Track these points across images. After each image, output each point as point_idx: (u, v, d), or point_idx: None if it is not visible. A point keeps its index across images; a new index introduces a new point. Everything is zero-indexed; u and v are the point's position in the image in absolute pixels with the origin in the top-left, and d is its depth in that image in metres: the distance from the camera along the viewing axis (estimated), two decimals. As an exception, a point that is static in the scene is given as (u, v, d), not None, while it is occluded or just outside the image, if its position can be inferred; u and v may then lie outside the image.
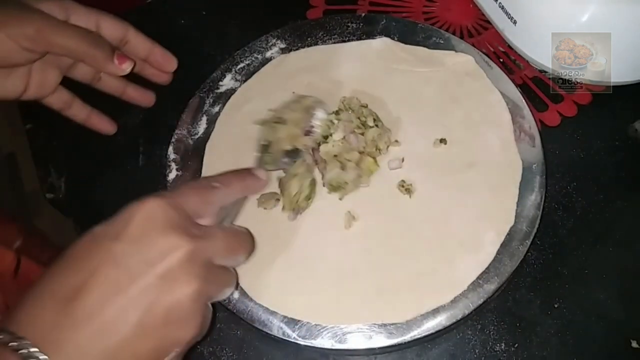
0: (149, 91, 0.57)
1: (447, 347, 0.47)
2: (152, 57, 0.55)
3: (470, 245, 0.47)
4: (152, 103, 0.58)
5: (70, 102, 0.55)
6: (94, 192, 0.57)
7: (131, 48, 0.53)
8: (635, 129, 0.56)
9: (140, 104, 0.57)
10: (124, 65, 0.50)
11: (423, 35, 0.58)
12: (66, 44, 0.47)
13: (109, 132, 0.57)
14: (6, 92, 0.50)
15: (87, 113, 0.56)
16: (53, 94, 0.53)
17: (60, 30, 0.47)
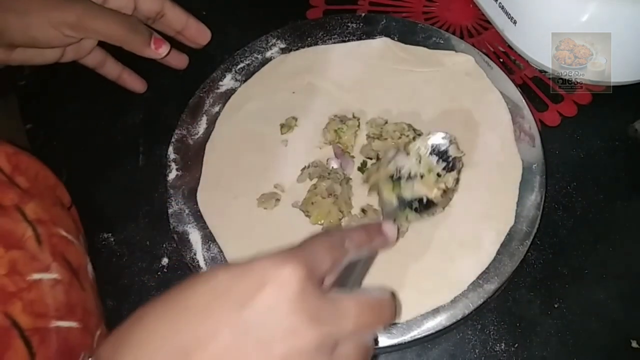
0: (183, 54, 0.59)
1: (447, 347, 0.47)
2: (186, 30, 0.56)
3: (470, 245, 0.47)
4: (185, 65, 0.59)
5: (104, 61, 0.57)
6: (94, 192, 0.56)
7: (167, 21, 0.55)
8: (635, 129, 0.56)
9: (174, 66, 0.59)
10: (160, 50, 0.52)
11: (423, 35, 0.58)
12: (106, 31, 0.49)
13: (140, 90, 0.59)
14: (45, 59, 0.53)
15: (119, 71, 0.58)
16: (89, 55, 0.55)
17: (100, 17, 0.49)
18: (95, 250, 0.53)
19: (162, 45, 0.53)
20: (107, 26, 0.49)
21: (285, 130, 0.54)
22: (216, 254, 0.49)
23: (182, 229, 0.50)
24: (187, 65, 0.60)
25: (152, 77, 0.61)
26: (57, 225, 0.43)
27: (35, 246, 0.40)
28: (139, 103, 0.60)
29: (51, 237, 0.41)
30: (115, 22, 0.49)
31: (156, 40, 0.52)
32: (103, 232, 0.54)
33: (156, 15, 0.54)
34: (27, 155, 0.45)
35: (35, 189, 0.43)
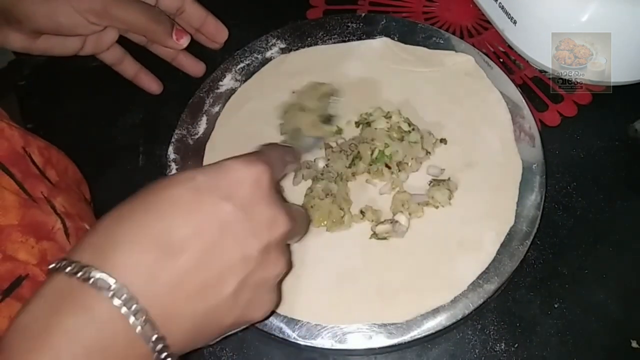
0: (200, 62, 0.59)
1: (447, 347, 0.47)
2: (205, 27, 0.58)
3: (470, 245, 0.47)
4: (202, 73, 0.60)
5: (122, 59, 0.57)
6: (94, 192, 0.56)
7: (186, 17, 0.56)
8: (635, 129, 0.56)
9: (190, 73, 0.59)
10: (181, 41, 0.53)
11: (423, 35, 0.58)
12: (130, 19, 0.50)
13: (155, 91, 0.59)
14: (65, 49, 0.54)
15: (136, 70, 0.58)
16: (108, 51, 0.56)
17: (124, 6, 0.50)
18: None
19: (183, 36, 0.53)
20: (130, 14, 0.50)
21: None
22: (216, 254, 0.49)
23: (182, 229, 0.50)
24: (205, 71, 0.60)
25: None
26: (83, 220, 0.43)
27: (63, 238, 0.40)
28: (139, 103, 0.60)
29: (77, 231, 0.42)
30: (139, 11, 0.50)
31: (177, 32, 0.53)
32: (103, 232, 0.54)
33: (176, 11, 0.55)
34: (56, 149, 0.46)
35: (64, 183, 0.44)
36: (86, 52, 0.55)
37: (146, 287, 0.28)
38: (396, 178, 0.50)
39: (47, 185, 0.41)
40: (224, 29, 0.58)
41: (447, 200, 0.49)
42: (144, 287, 0.28)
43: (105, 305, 0.26)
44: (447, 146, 0.52)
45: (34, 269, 0.37)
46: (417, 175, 0.51)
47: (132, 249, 0.28)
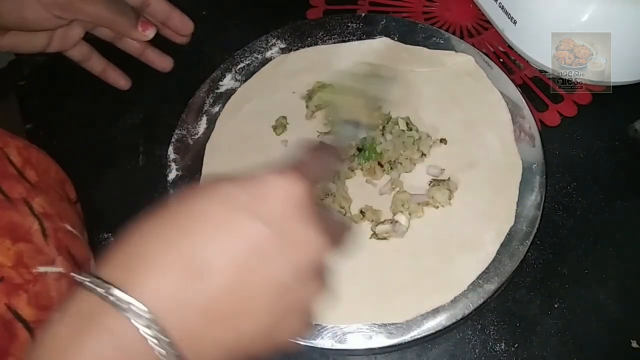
0: (167, 56, 0.59)
1: (447, 347, 0.47)
2: (170, 21, 0.57)
3: (470, 245, 0.47)
4: (169, 68, 0.59)
5: (89, 55, 0.57)
6: (94, 192, 0.56)
7: (152, 11, 0.56)
8: (635, 129, 0.56)
9: (158, 68, 0.59)
10: (147, 32, 0.53)
11: (423, 35, 0.58)
12: (94, 12, 0.50)
13: (123, 87, 0.59)
14: (32, 46, 0.53)
15: (104, 66, 0.58)
16: (74, 48, 0.55)
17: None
18: (95, 250, 0.53)
19: (149, 27, 0.53)
20: (95, 7, 0.50)
21: (279, 130, 0.54)
22: (216, 254, 0.49)
23: (182, 229, 0.50)
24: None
25: (152, 77, 0.61)
26: (63, 220, 0.42)
27: (41, 239, 0.40)
28: (139, 103, 0.60)
29: (57, 232, 0.41)
30: (104, 4, 0.50)
31: (143, 23, 0.53)
32: (103, 232, 0.54)
33: (142, 5, 0.55)
34: (37, 149, 0.45)
35: (44, 183, 0.43)
36: (53, 48, 0.54)
37: (174, 311, 0.26)
38: (396, 178, 0.50)
39: (25, 185, 0.41)
40: (190, 22, 0.58)
41: (447, 200, 0.49)
42: (172, 311, 0.26)
43: (130, 329, 0.25)
44: (447, 146, 0.52)
45: (9, 271, 0.37)
46: (417, 175, 0.51)
47: (162, 270, 0.27)
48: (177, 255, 0.27)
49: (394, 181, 0.50)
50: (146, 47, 0.57)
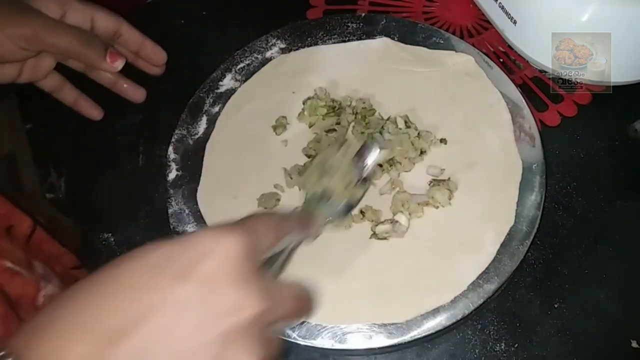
0: (140, 87, 0.58)
1: (447, 347, 0.47)
2: (142, 51, 0.57)
3: (470, 245, 0.47)
4: (142, 99, 0.59)
5: (61, 86, 0.57)
6: (94, 192, 0.56)
7: (123, 41, 0.56)
8: (635, 129, 0.56)
9: (131, 99, 0.58)
10: (115, 63, 0.52)
11: (423, 35, 0.58)
12: (61, 44, 0.50)
13: (95, 117, 0.58)
14: (2, 78, 0.52)
15: (76, 97, 0.58)
16: (46, 78, 0.55)
17: (56, 31, 0.49)
18: (95, 250, 0.53)
19: (117, 58, 0.53)
20: (62, 39, 0.49)
21: (280, 130, 0.54)
22: (216, 254, 0.49)
23: (182, 229, 0.50)
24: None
25: (152, 77, 0.61)
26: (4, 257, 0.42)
27: None
28: (139, 103, 0.60)
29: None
30: (71, 36, 0.50)
31: (111, 54, 0.52)
32: (103, 232, 0.54)
33: (113, 35, 0.55)
34: None
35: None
36: (23, 79, 0.54)
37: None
38: (396, 178, 0.50)
39: None
40: (162, 52, 0.58)
41: (447, 200, 0.49)
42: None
43: None
44: (447, 146, 0.52)
45: None
46: (417, 175, 0.51)
47: (66, 336, 0.25)
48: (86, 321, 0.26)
49: (394, 181, 0.50)
50: (119, 78, 0.57)
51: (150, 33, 0.62)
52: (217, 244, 0.27)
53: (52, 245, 0.57)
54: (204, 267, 0.27)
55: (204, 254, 0.27)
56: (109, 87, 0.58)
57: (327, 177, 0.45)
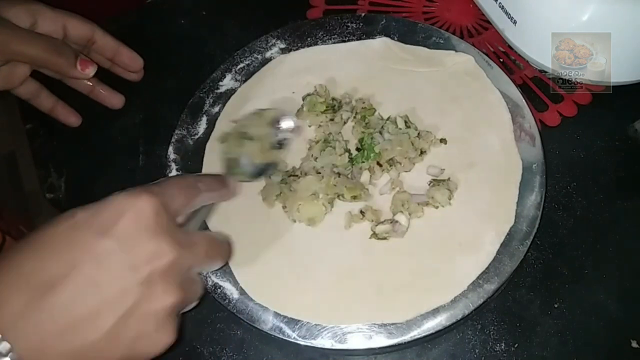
0: (118, 93, 0.59)
1: (447, 347, 0.47)
2: (118, 57, 0.57)
3: (470, 245, 0.47)
4: (120, 105, 0.59)
5: (38, 93, 0.57)
6: (94, 192, 0.56)
7: (98, 48, 0.56)
8: (635, 129, 0.56)
9: (109, 105, 0.59)
10: (87, 71, 0.53)
11: (423, 35, 0.58)
12: (31, 53, 0.50)
13: (73, 124, 0.59)
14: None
15: (53, 103, 0.58)
16: (21, 85, 0.55)
17: (25, 40, 0.50)
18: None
19: (88, 65, 0.53)
20: (31, 48, 0.50)
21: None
22: (216, 254, 0.49)
23: (182, 229, 0.50)
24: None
25: (152, 77, 0.61)
26: None
27: None
28: (139, 103, 0.60)
29: None
30: (40, 44, 0.50)
31: (82, 61, 0.53)
32: (103, 232, 0.54)
33: (87, 42, 0.55)
34: None
35: None
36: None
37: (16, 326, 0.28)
38: (395, 178, 0.50)
39: None
40: (138, 57, 0.58)
41: (447, 200, 0.49)
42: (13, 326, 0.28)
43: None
44: (447, 146, 0.52)
45: None
46: (417, 175, 0.51)
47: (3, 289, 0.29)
48: (19, 276, 0.29)
49: (394, 181, 0.50)
50: (96, 84, 0.57)
51: (150, 33, 0.62)
52: (132, 204, 0.32)
53: None
54: (122, 223, 0.31)
55: (121, 212, 0.32)
56: (87, 94, 0.58)
57: (246, 141, 0.49)
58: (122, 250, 0.31)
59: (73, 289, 0.30)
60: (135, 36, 0.62)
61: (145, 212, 0.32)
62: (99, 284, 0.30)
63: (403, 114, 0.53)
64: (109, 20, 0.62)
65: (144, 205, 0.32)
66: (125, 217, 0.31)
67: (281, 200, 0.50)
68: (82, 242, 0.31)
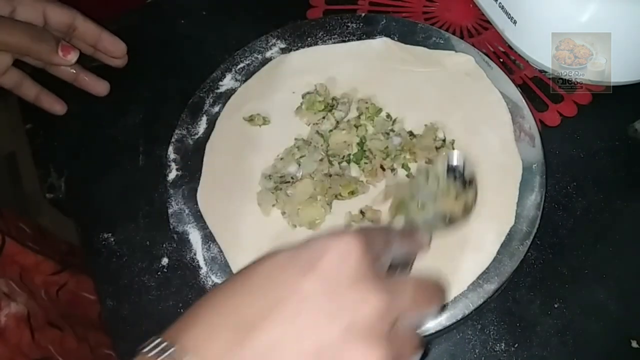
0: (103, 80, 0.59)
1: (447, 347, 0.47)
2: (100, 43, 0.57)
3: (470, 245, 0.47)
4: (106, 92, 0.59)
5: (21, 82, 0.56)
6: (94, 192, 0.57)
7: (80, 34, 0.56)
8: (635, 129, 0.56)
9: (93, 92, 0.59)
10: (69, 56, 0.53)
11: (423, 35, 0.58)
12: (11, 41, 0.50)
13: (59, 112, 0.59)
14: None
15: (37, 92, 0.57)
16: (4, 75, 0.55)
17: (4, 28, 0.49)
18: (95, 250, 0.53)
19: (70, 51, 0.53)
20: (11, 36, 0.50)
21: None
22: (216, 254, 0.49)
23: (182, 229, 0.50)
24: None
25: (152, 77, 0.62)
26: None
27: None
28: (139, 103, 0.60)
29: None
30: (20, 31, 0.50)
31: (64, 47, 0.52)
32: (103, 232, 0.54)
33: (68, 29, 0.55)
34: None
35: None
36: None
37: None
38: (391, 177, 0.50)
39: None
40: (121, 43, 0.58)
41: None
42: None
43: None
44: (447, 146, 0.52)
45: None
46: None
47: (209, 328, 0.28)
48: (223, 314, 0.29)
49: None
50: (80, 72, 0.57)
51: (150, 33, 0.62)
52: (336, 242, 0.29)
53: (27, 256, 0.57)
54: (325, 261, 0.29)
55: (324, 251, 0.29)
56: (71, 82, 0.58)
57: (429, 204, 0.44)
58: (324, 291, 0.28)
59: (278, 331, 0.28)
60: (135, 36, 0.62)
61: (348, 252, 0.29)
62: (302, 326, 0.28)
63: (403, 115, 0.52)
64: (109, 20, 0.62)
65: (347, 245, 0.29)
66: (328, 256, 0.29)
67: (279, 207, 0.50)
68: (283, 282, 0.29)
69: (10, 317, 0.51)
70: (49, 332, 0.55)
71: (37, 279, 0.58)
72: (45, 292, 0.58)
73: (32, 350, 0.52)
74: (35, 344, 0.53)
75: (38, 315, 0.54)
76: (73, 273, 0.62)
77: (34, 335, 0.52)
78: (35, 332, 0.53)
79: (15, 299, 0.52)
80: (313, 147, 0.51)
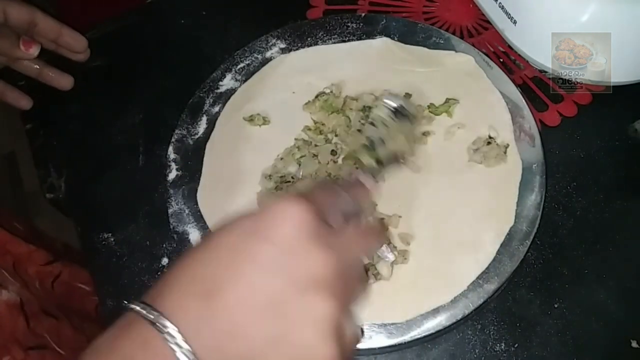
0: (66, 74, 0.59)
1: (447, 347, 0.47)
2: (61, 39, 0.57)
3: (470, 245, 0.47)
4: (70, 86, 0.59)
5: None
6: (94, 192, 0.56)
7: (40, 31, 0.56)
8: (635, 129, 0.56)
9: (58, 87, 0.59)
10: (30, 50, 0.53)
11: (423, 35, 0.58)
12: None
13: (24, 106, 0.59)
14: None
15: (1, 89, 0.58)
16: None
17: None
18: (95, 250, 0.53)
19: (32, 45, 0.53)
20: None
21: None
22: (216, 254, 0.49)
23: (182, 229, 0.50)
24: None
25: (152, 77, 0.61)
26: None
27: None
28: (139, 103, 0.60)
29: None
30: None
31: (24, 42, 0.53)
32: (103, 232, 0.54)
33: (28, 26, 0.55)
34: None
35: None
36: None
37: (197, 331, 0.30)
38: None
39: None
40: (82, 37, 0.58)
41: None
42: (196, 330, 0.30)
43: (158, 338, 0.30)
44: (447, 146, 0.52)
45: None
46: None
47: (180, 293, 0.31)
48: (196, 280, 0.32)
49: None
50: (43, 67, 0.58)
51: (150, 33, 0.62)
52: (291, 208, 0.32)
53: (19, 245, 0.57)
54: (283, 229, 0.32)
55: (282, 218, 0.32)
56: (35, 77, 0.58)
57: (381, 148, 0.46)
58: (283, 258, 0.31)
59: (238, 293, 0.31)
60: (135, 36, 0.62)
61: (302, 219, 0.32)
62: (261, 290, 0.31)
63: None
64: (109, 20, 0.63)
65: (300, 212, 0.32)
66: (286, 224, 0.32)
67: None
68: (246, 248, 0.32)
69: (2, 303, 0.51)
70: (45, 321, 0.55)
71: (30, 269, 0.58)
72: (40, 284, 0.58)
73: (27, 338, 0.52)
74: (31, 332, 0.52)
75: (32, 303, 0.54)
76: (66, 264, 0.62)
77: (29, 323, 0.53)
78: (30, 320, 0.53)
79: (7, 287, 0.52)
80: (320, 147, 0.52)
